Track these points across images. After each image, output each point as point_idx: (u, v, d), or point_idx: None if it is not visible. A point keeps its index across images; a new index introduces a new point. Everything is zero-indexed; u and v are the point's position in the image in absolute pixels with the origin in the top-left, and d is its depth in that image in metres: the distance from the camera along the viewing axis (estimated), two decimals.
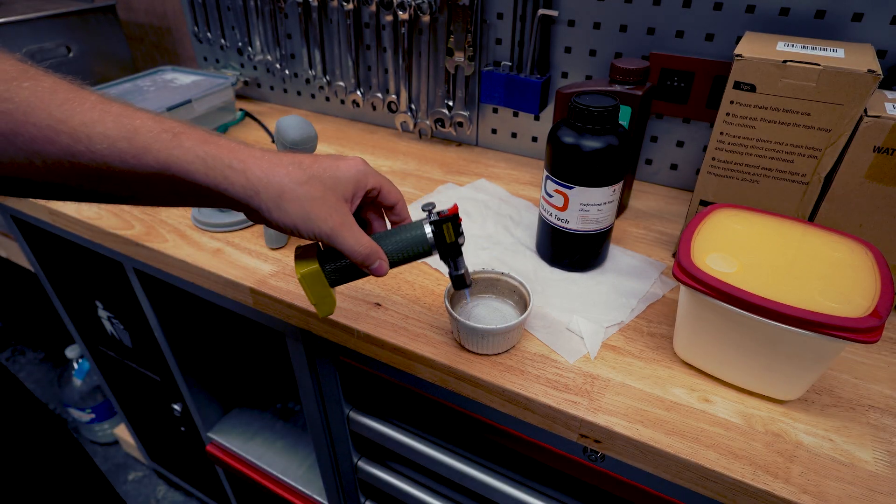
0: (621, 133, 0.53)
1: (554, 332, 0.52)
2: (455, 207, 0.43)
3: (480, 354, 0.49)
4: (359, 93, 0.96)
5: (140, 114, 0.35)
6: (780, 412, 0.44)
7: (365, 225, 0.45)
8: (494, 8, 0.78)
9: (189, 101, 0.88)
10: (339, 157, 0.40)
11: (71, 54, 1.05)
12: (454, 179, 0.80)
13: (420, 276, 0.60)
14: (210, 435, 0.99)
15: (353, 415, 0.67)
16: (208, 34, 1.08)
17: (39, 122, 0.32)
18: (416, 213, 0.70)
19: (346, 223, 0.38)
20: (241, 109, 1.03)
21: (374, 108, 0.96)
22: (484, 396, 0.49)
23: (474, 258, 0.62)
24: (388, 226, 0.45)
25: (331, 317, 0.54)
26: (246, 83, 1.10)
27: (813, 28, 0.61)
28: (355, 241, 0.39)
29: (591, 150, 0.51)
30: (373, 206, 0.44)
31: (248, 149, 0.37)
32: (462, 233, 0.43)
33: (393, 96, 0.93)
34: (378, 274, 0.41)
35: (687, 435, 0.42)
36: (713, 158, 0.55)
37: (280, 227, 0.38)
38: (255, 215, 0.38)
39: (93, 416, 1.44)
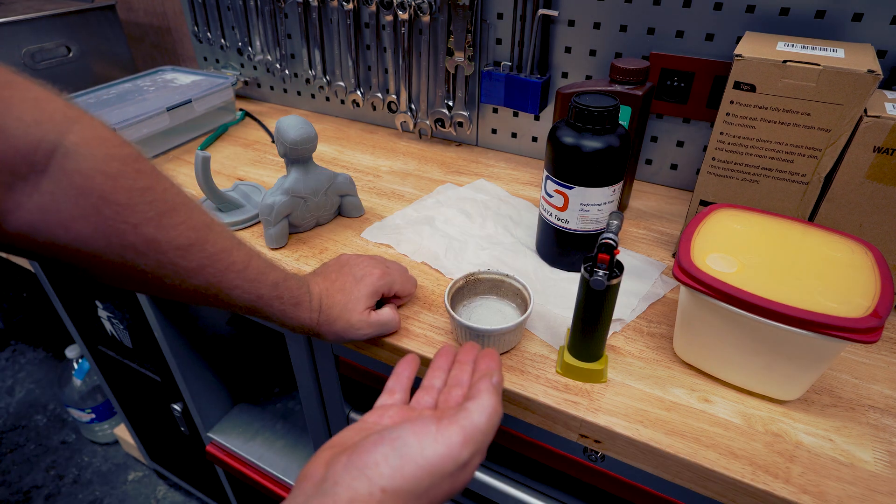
0: (621, 133, 0.53)
1: (554, 333, 0.52)
2: None
3: None
4: (359, 93, 0.96)
5: (267, 278, 0.44)
6: (780, 412, 0.44)
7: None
8: (494, 8, 0.78)
9: (189, 101, 0.88)
10: (359, 281, 0.50)
11: (71, 54, 1.05)
12: (454, 179, 0.80)
13: (420, 276, 0.60)
14: (210, 435, 0.99)
15: (354, 415, 0.67)
16: (208, 34, 1.08)
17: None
18: (414, 212, 0.70)
19: (366, 324, 0.50)
20: (241, 109, 1.03)
21: (374, 108, 0.96)
22: None
23: (474, 258, 0.62)
24: None
25: None
26: (246, 83, 1.10)
27: (813, 28, 0.61)
28: (369, 326, 0.50)
29: (591, 150, 0.51)
30: None
31: (321, 308, 0.48)
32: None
33: (393, 96, 0.93)
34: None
35: (687, 435, 0.42)
36: (713, 158, 0.55)
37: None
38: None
39: (93, 416, 1.44)
